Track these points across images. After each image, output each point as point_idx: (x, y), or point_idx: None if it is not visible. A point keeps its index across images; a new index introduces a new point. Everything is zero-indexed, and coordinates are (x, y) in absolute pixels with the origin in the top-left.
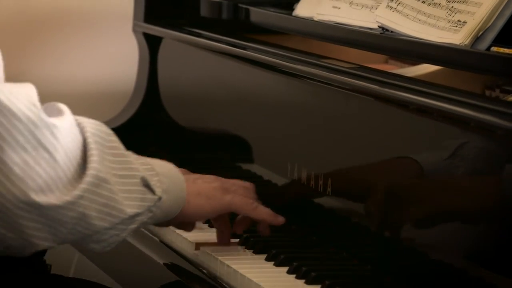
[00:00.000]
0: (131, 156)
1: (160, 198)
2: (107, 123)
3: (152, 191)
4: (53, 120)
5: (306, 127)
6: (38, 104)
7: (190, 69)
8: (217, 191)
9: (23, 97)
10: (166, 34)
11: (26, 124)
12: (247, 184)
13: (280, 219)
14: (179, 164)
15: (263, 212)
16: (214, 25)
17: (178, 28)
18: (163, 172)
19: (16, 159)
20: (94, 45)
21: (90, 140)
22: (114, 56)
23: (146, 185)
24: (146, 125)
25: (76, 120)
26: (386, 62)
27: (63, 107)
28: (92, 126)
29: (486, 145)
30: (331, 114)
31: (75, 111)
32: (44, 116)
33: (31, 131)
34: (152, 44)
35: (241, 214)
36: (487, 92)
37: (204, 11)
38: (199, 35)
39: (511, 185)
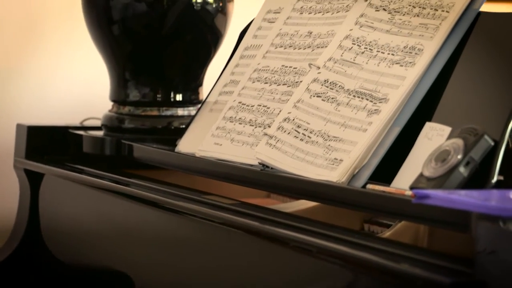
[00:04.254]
0: None
1: None
2: None
3: None
4: None
5: (189, 263)
6: None
7: (72, 205)
8: None
9: None
10: (48, 171)
11: None
12: None
13: None
14: None
15: None
16: (97, 161)
17: (60, 164)
18: None
19: None
20: None
21: None
22: None
23: None
24: (26, 263)
25: None
26: (268, 196)
27: None
28: None
29: (363, 282)
30: (213, 250)
31: None
32: None
33: None
34: (33, 180)
35: None
36: (366, 226)
37: (86, 147)
38: (81, 171)
39: None
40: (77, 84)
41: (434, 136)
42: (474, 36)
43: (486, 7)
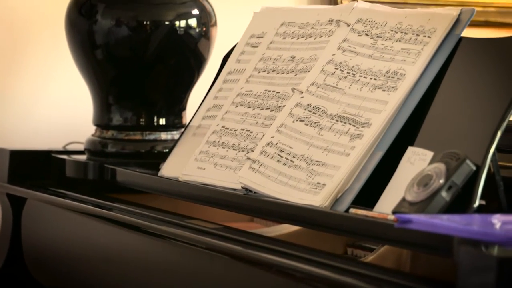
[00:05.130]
0: None
1: None
2: None
3: None
4: None
5: None
6: None
7: (55, 229)
8: None
9: None
10: (30, 195)
11: None
12: None
13: None
14: None
15: None
16: (81, 185)
17: (43, 189)
18: None
19: None
20: None
21: None
22: None
23: None
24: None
25: None
26: (251, 220)
27: None
28: None
29: None
30: (197, 275)
31: None
32: None
33: None
34: (15, 204)
35: None
36: (349, 250)
37: (69, 171)
38: (64, 196)
39: None
40: (60, 108)
41: (417, 161)
42: (456, 61)
43: (467, 32)
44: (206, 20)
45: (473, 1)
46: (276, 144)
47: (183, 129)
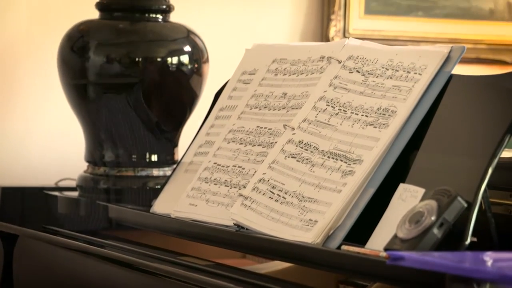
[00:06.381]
0: None
1: None
2: None
3: None
4: None
5: None
6: None
7: (47, 266)
8: None
9: None
10: (22, 232)
11: None
12: None
13: None
14: None
15: None
16: (73, 222)
17: (35, 226)
18: None
19: None
20: None
21: None
22: None
23: None
24: None
25: None
26: (243, 257)
27: None
28: None
29: None
30: None
31: None
32: None
33: None
34: (7, 241)
35: None
36: (341, 287)
37: (61, 208)
38: (56, 233)
39: None
40: (52, 145)
41: (408, 198)
42: (447, 98)
43: (459, 69)
44: (198, 56)
45: (464, 38)
46: (268, 180)
47: (175, 166)
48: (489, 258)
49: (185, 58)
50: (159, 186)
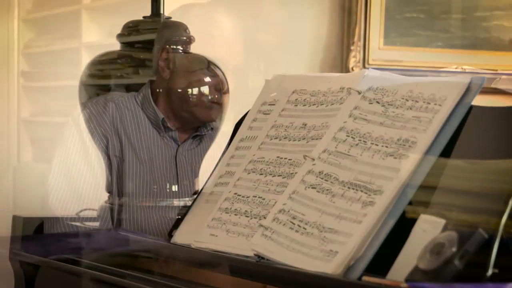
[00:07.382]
0: None
1: None
2: None
3: None
4: None
5: None
6: None
7: None
8: None
9: None
10: (43, 262)
11: None
12: None
13: None
14: None
15: None
16: (94, 252)
17: (56, 256)
18: None
19: None
20: None
21: None
22: None
23: None
24: None
25: None
26: (264, 287)
27: None
28: None
29: None
30: None
31: None
32: None
33: None
34: (28, 272)
35: None
36: None
37: (82, 237)
38: (77, 263)
39: None
40: (73, 175)
41: (429, 229)
42: (467, 128)
43: (478, 99)
44: (219, 87)
45: (483, 68)
46: (288, 211)
47: (195, 196)
48: None
49: (205, 89)
50: (179, 217)
